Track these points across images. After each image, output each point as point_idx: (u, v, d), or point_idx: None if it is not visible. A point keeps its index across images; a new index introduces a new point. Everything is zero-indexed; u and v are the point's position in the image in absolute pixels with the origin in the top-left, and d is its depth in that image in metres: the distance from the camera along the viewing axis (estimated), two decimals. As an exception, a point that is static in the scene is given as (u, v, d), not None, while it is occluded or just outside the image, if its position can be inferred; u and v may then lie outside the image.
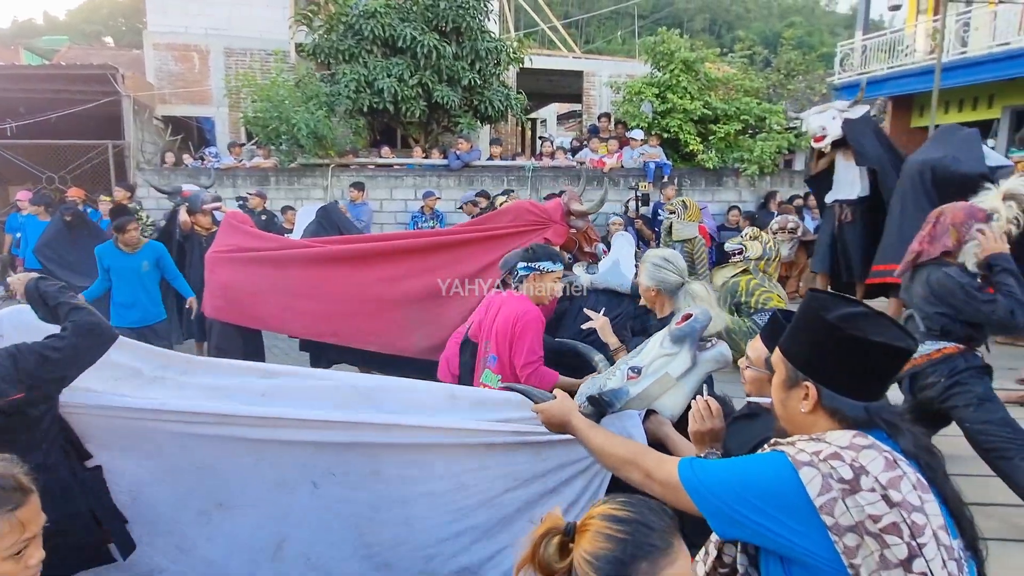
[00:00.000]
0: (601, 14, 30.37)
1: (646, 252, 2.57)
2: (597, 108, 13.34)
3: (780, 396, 1.28)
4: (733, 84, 9.74)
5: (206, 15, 11.92)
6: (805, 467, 1.11)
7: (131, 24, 34.65)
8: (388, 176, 9.94)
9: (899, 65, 12.80)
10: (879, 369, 1.20)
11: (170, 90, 11.79)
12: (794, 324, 1.28)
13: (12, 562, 1.06)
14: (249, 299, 4.04)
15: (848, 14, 44.63)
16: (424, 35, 9.43)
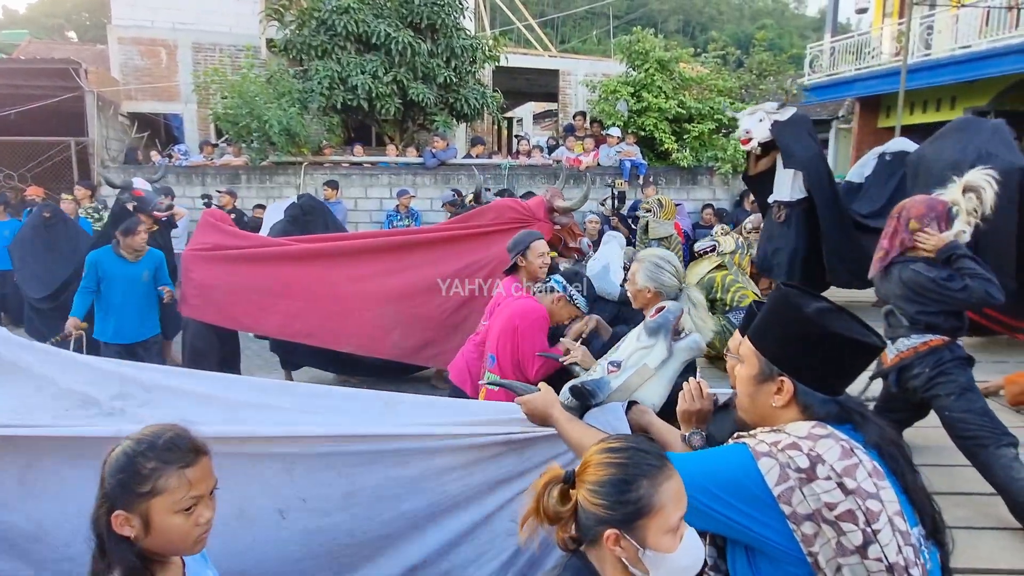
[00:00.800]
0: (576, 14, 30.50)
1: (641, 252, 2.46)
2: (573, 107, 13.38)
3: (749, 390, 1.27)
4: (707, 84, 9.86)
5: (173, 9, 11.63)
6: (764, 458, 1.14)
7: (95, 19, 33.61)
8: (363, 174, 9.81)
9: (866, 67, 13.11)
10: (852, 364, 1.22)
11: (136, 86, 11.46)
12: (766, 318, 1.27)
13: (182, 516, 1.16)
14: (225, 298, 3.97)
15: (817, 17, 45.64)
16: (399, 32, 9.33)
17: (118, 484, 1.15)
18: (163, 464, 1.16)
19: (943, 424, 2.62)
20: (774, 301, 1.28)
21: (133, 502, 1.14)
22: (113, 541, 1.14)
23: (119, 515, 1.14)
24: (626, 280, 3.21)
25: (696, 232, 8.18)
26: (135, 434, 1.22)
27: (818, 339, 1.18)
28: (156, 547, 1.16)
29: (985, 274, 2.45)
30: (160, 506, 1.14)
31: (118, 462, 1.17)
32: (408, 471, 2.05)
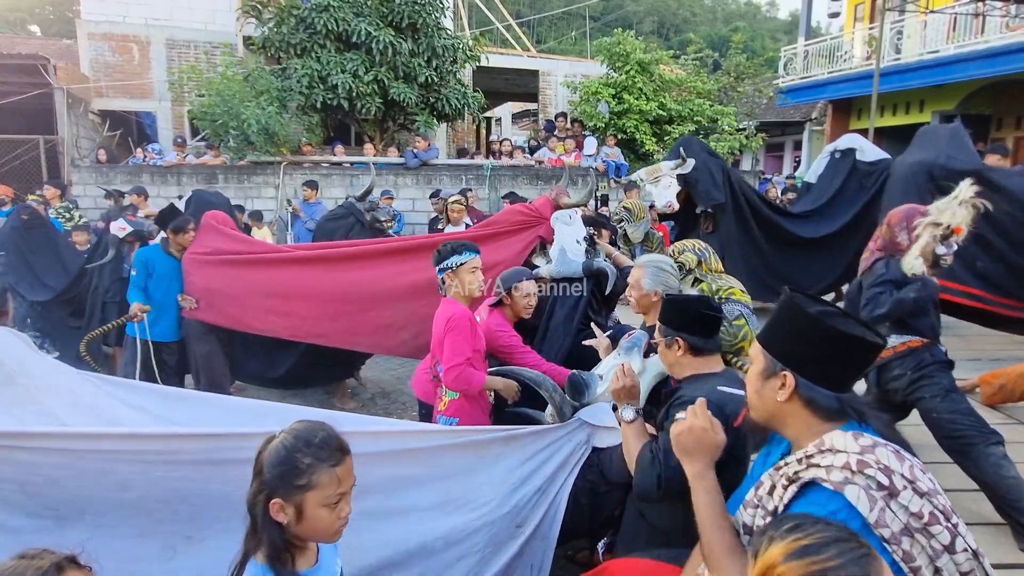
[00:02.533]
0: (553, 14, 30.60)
1: (641, 258, 2.58)
2: (553, 107, 13.44)
3: (756, 386, 1.33)
4: (687, 86, 10.00)
5: (145, 4, 11.34)
6: (848, 486, 1.11)
7: (59, 13, 32.54)
8: (343, 174, 9.71)
9: (838, 70, 13.43)
10: (854, 361, 1.28)
11: (107, 83, 11.15)
12: (774, 318, 1.35)
13: (328, 510, 1.28)
14: (229, 302, 3.91)
15: (788, 20, 46.65)
16: (380, 30, 9.25)
17: (278, 475, 1.27)
18: (318, 461, 1.28)
19: (928, 425, 2.69)
20: (781, 304, 1.35)
21: (290, 493, 1.26)
22: (267, 524, 1.27)
23: (276, 503, 1.26)
24: (616, 287, 3.32)
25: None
26: (290, 429, 1.33)
27: (821, 336, 1.24)
28: (303, 534, 1.30)
29: (894, 301, 2.56)
30: (313, 499, 1.27)
31: (278, 455, 1.28)
32: (415, 471, 2.09)
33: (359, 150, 10.44)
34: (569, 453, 2.19)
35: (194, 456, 1.91)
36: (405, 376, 5.41)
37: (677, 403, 1.79)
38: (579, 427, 2.20)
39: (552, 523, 2.13)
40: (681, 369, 1.90)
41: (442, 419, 2.61)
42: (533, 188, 9.62)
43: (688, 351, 1.85)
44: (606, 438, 2.15)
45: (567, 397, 2.27)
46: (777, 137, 16.04)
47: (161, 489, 1.91)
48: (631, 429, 1.86)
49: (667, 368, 1.99)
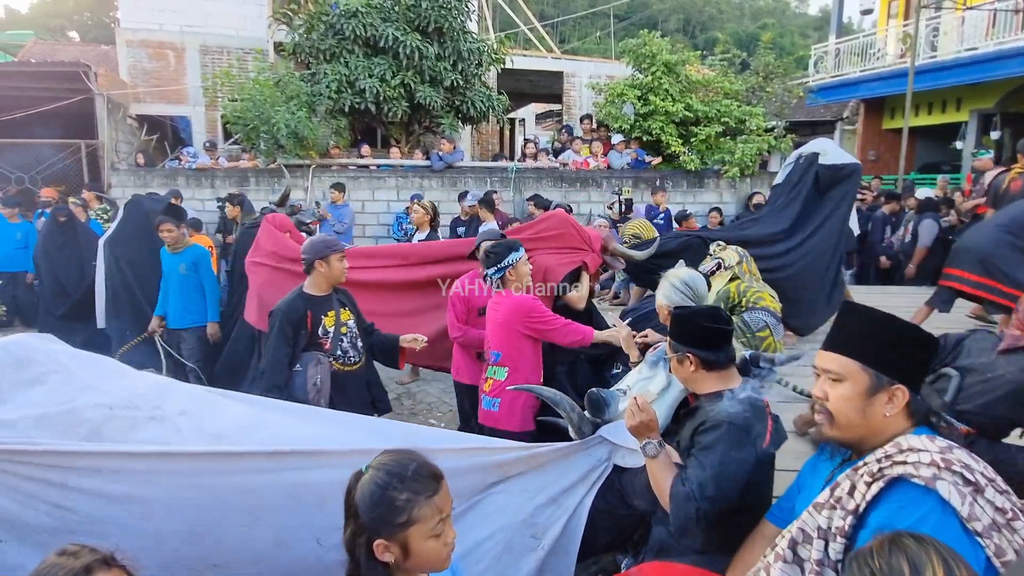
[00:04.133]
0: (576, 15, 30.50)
1: (670, 270, 2.59)
2: (577, 109, 13.42)
3: (857, 406, 1.29)
4: (714, 86, 9.90)
5: (180, 11, 11.66)
6: (939, 482, 1.11)
7: (97, 19, 33.64)
8: (370, 177, 9.85)
9: (871, 68, 13.14)
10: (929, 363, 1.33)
11: (144, 88, 11.50)
12: (864, 332, 1.32)
13: (434, 540, 1.26)
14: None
15: (818, 16, 45.67)
16: (406, 35, 9.36)
17: (377, 517, 1.23)
18: (415, 495, 1.24)
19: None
20: (862, 316, 1.34)
21: (393, 532, 1.22)
22: (371, 566, 1.24)
23: (380, 544, 1.23)
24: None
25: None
26: (378, 465, 1.29)
27: (917, 343, 1.28)
28: (413, 568, 1.26)
29: None
30: (417, 534, 1.23)
31: (372, 496, 1.24)
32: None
33: (385, 152, 10.58)
34: (588, 468, 2.15)
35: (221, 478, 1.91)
36: (429, 376, 5.48)
37: (702, 430, 1.77)
38: (599, 444, 2.16)
39: (572, 540, 2.11)
40: (697, 385, 1.89)
41: (486, 399, 2.96)
42: (557, 190, 9.64)
43: (701, 366, 1.84)
44: (628, 458, 2.07)
45: (586, 415, 2.21)
46: (807, 137, 15.72)
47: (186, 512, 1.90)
48: (657, 464, 1.79)
49: (683, 384, 1.98)
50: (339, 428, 2.28)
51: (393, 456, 1.31)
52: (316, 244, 2.99)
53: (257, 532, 1.93)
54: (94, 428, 2.04)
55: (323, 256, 2.91)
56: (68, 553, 1.17)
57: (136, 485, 1.87)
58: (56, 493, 1.88)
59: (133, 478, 1.88)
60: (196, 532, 1.92)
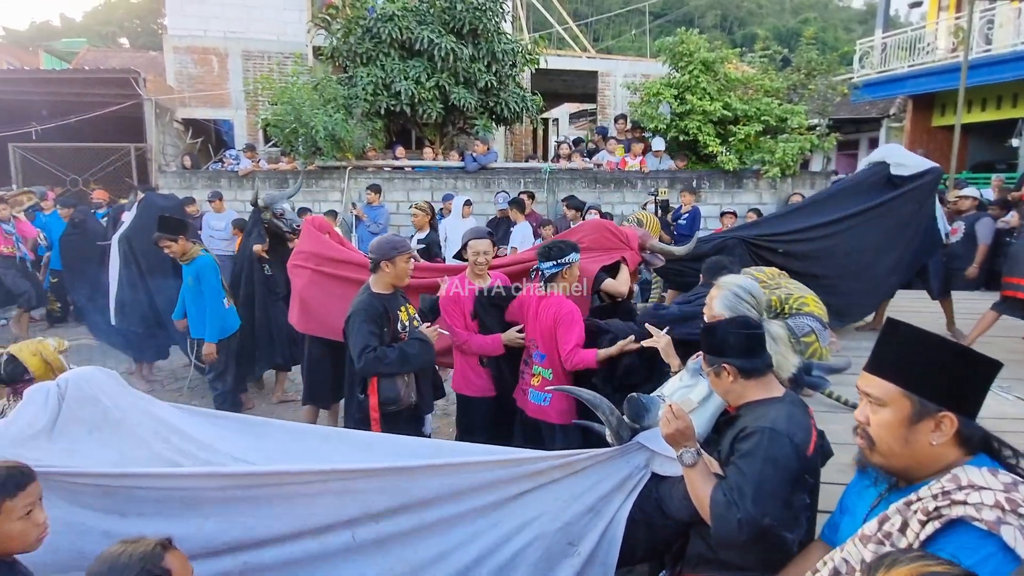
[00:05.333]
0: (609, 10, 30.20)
1: (723, 278, 2.40)
2: (612, 108, 13.29)
3: (902, 433, 1.22)
4: (753, 84, 9.66)
5: (224, 18, 12.00)
6: (1003, 527, 1.04)
7: (145, 25, 34.96)
8: (405, 178, 9.97)
9: (920, 63, 12.65)
10: (986, 388, 1.23)
11: (190, 93, 11.89)
12: (908, 355, 1.24)
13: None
14: (326, 311, 3.86)
15: (863, 9, 44.22)
16: (441, 37, 9.43)
17: None
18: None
19: None
20: (906, 336, 1.26)
21: None
22: None
23: None
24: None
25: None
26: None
27: (971, 368, 1.19)
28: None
29: None
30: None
31: None
32: (472, 501, 2.12)
33: (419, 154, 10.68)
34: (626, 476, 2.12)
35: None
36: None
37: (741, 436, 1.72)
38: (637, 450, 2.12)
39: (610, 549, 2.08)
40: (738, 396, 1.83)
41: (534, 393, 3.01)
42: (591, 191, 9.57)
43: (739, 376, 1.79)
44: (667, 466, 2.03)
45: (625, 420, 2.17)
46: (851, 134, 15.24)
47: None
48: (695, 473, 1.73)
49: (723, 396, 1.91)
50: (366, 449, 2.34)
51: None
52: (383, 244, 3.00)
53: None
54: None
55: (390, 257, 2.94)
56: (130, 541, 1.25)
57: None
58: (105, 514, 2.00)
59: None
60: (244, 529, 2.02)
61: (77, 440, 2.13)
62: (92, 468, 2.01)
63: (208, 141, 12.22)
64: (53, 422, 2.12)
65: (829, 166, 12.82)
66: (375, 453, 2.33)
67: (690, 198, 8.10)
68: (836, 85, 10.82)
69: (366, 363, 2.79)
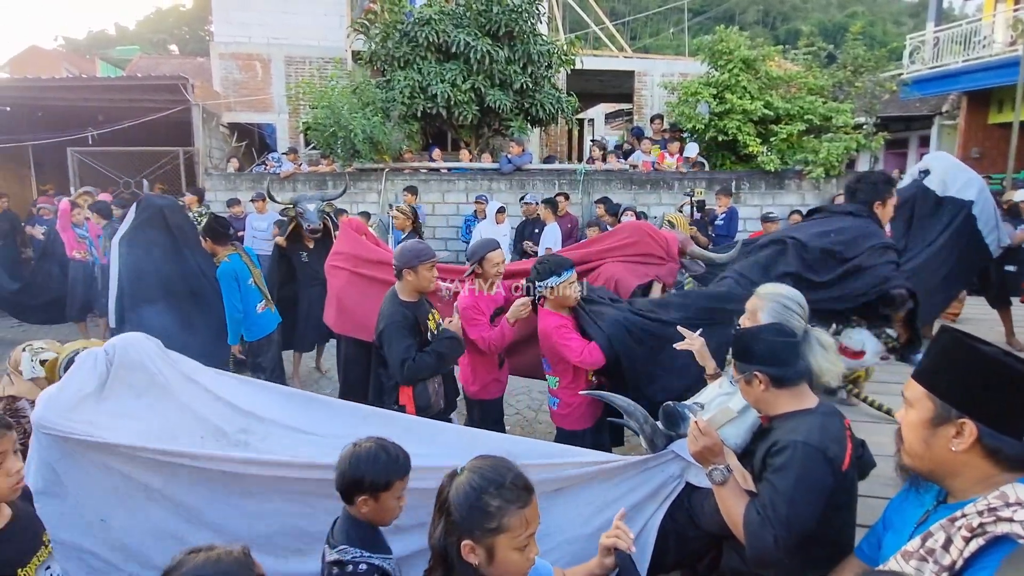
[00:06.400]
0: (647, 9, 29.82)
1: (763, 288, 2.29)
2: (648, 108, 13.13)
3: (921, 434, 1.25)
4: (796, 82, 9.40)
5: (268, 25, 12.36)
6: None
7: (194, 32, 36.34)
8: (440, 180, 10.07)
9: (975, 58, 12.07)
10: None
11: (235, 98, 12.28)
12: (939, 358, 1.26)
13: (517, 553, 1.26)
14: (362, 312, 3.88)
15: (913, 2, 42.43)
16: (477, 40, 9.49)
17: (468, 517, 1.26)
18: (507, 503, 1.26)
19: None
20: (947, 344, 1.26)
21: (481, 535, 1.25)
22: (462, 566, 1.27)
23: (467, 544, 1.26)
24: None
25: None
26: (475, 467, 1.32)
27: (1007, 381, 1.16)
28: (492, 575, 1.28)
29: None
30: (503, 542, 1.25)
31: (467, 497, 1.27)
32: None
33: (455, 155, 10.78)
34: (659, 484, 2.10)
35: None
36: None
37: (773, 451, 1.67)
38: (672, 459, 2.10)
39: (641, 558, 2.05)
40: (769, 406, 1.78)
41: (550, 398, 3.14)
42: (627, 192, 9.48)
43: (771, 384, 1.74)
44: (702, 477, 1.98)
45: (660, 427, 2.15)
46: (900, 133, 14.66)
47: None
48: (726, 491, 1.71)
49: (754, 406, 1.85)
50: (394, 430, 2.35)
51: (490, 462, 1.33)
52: (406, 253, 3.01)
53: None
54: None
55: (412, 265, 2.95)
56: (205, 550, 1.23)
57: (227, 481, 2.04)
58: (153, 484, 2.09)
59: (222, 476, 2.04)
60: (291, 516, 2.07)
61: (124, 403, 2.21)
62: (139, 442, 2.08)
63: (252, 144, 12.60)
64: (102, 386, 2.20)
65: (876, 166, 12.36)
66: (413, 435, 2.34)
67: (726, 200, 7.92)
68: (885, 82, 10.43)
69: (408, 373, 2.83)
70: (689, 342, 2.63)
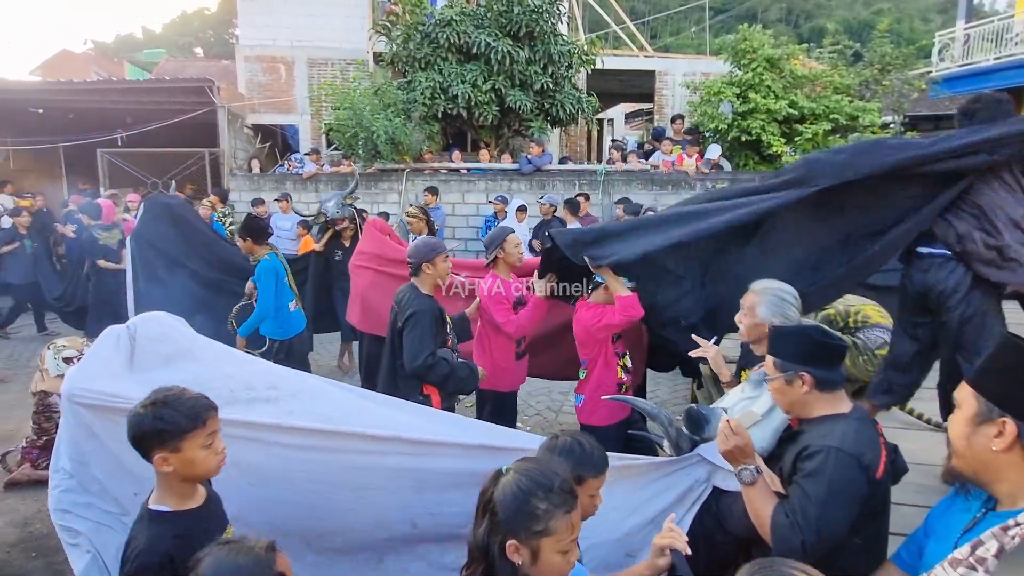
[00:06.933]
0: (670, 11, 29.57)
1: (757, 283, 2.32)
2: (670, 108, 13.03)
3: (964, 432, 1.25)
4: (822, 81, 9.25)
5: (291, 27, 12.53)
6: None
7: (218, 35, 36.97)
8: (460, 180, 10.11)
9: (1008, 55, 11.77)
10: None
11: (259, 100, 12.47)
12: (989, 358, 1.26)
13: (560, 556, 1.29)
14: (386, 310, 4.00)
15: (943, -2, 41.46)
16: (498, 41, 9.51)
17: (515, 519, 1.27)
18: (554, 507, 1.27)
19: None
20: (999, 346, 1.26)
21: (526, 537, 1.26)
22: (504, 565, 1.28)
23: (512, 544, 1.27)
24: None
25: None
26: (522, 469, 1.33)
27: None
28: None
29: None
30: (548, 545, 1.27)
31: (515, 499, 1.28)
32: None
33: (475, 156, 10.81)
34: (687, 489, 2.08)
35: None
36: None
37: (805, 455, 1.65)
38: (698, 463, 2.08)
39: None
40: (805, 408, 1.74)
41: (577, 397, 3.13)
42: (647, 193, 9.42)
43: (814, 387, 1.69)
44: (729, 481, 1.97)
45: (684, 431, 2.13)
46: (929, 132, 14.36)
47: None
48: (755, 491, 1.68)
49: (787, 408, 1.80)
50: (426, 421, 2.36)
51: (537, 465, 1.34)
52: (420, 248, 3.10)
53: (360, 509, 2.06)
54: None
55: (429, 259, 3.02)
56: (235, 543, 1.26)
57: (253, 454, 2.02)
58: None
59: (251, 447, 2.02)
60: (305, 503, 2.06)
61: (153, 372, 2.20)
62: None
63: (275, 145, 12.77)
64: (129, 359, 2.21)
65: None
66: (436, 424, 2.34)
67: None
68: (913, 80, 10.21)
69: (424, 366, 2.86)
70: (704, 350, 2.61)
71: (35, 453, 4.07)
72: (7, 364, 6.92)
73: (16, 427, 5.01)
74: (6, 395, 5.91)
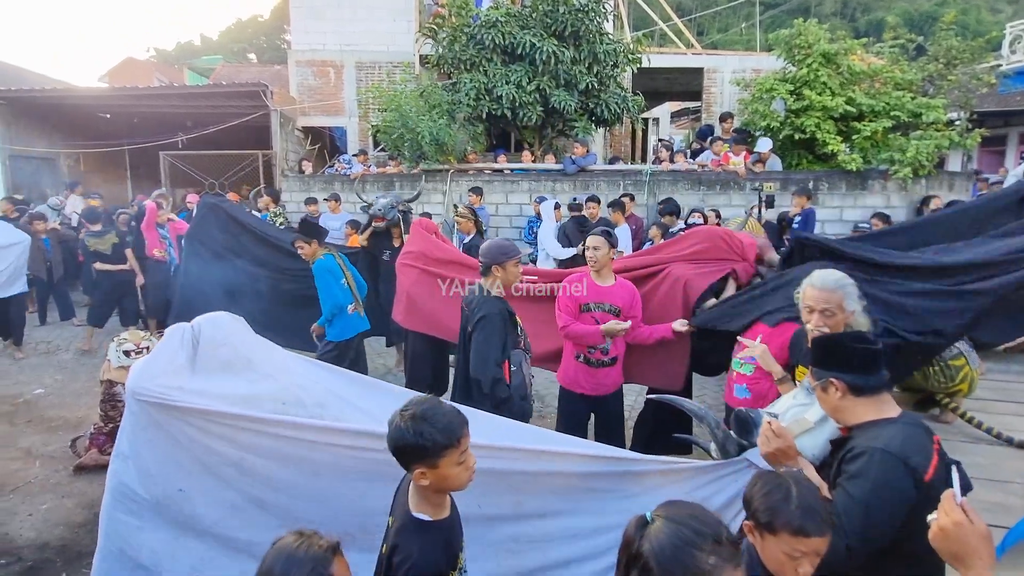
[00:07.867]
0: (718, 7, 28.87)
1: (815, 276, 2.37)
2: (717, 106, 12.71)
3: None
4: (882, 76, 8.83)
5: (341, 32, 12.85)
6: None
7: (271, 41, 38.24)
8: (504, 181, 10.13)
9: (1090, 46, 10.98)
10: None
11: (309, 103, 12.83)
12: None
13: None
14: (431, 308, 4.03)
15: (1015, -13, 38.98)
16: (543, 41, 9.49)
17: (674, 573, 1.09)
18: (723, 561, 1.09)
19: None
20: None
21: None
22: None
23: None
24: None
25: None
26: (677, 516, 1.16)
27: None
28: None
29: None
30: None
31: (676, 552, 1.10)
32: (572, 494, 2.15)
33: (518, 156, 10.82)
34: (734, 494, 2.04)
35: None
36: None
37: (848, 457, 1.61)
38: (746, 467, 2.04)
39: None
40: (847, 415, 1.73)
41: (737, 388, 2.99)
42: (695, 193, 9.22)
43: (848, 392, 1.69)
44: None
45: (732, 434, 2.11)
46: (999, 129, 13.54)
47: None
48: None
49: (831, 414, 1.79)
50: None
51: (694, 512, 1.17)
52: (493, 249, 3.06)
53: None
54: None
55: (500, 262, 3.00)
56: (304, 535, 1.29)
57: (307, 449, 2.13)
58: (236, 454, 2.19)
59: (303, 445, 2.13)
60: (356, 495, 2.13)
61: (212, 377, 2.35)
62: (225, 408, 2.21)
63: (324, 147, 13.12)
64: (192, 361, 2.35)
65: (970, 165, 11.47)
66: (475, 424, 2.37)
67: (802, 201, 7.52)
68: (981, 74, 9.64)
69: (487, 380, 2.82)
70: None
71: (101, 439, 4.30)
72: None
73: (85, 414, 5.32)
74: (75, 383, 6.27)
